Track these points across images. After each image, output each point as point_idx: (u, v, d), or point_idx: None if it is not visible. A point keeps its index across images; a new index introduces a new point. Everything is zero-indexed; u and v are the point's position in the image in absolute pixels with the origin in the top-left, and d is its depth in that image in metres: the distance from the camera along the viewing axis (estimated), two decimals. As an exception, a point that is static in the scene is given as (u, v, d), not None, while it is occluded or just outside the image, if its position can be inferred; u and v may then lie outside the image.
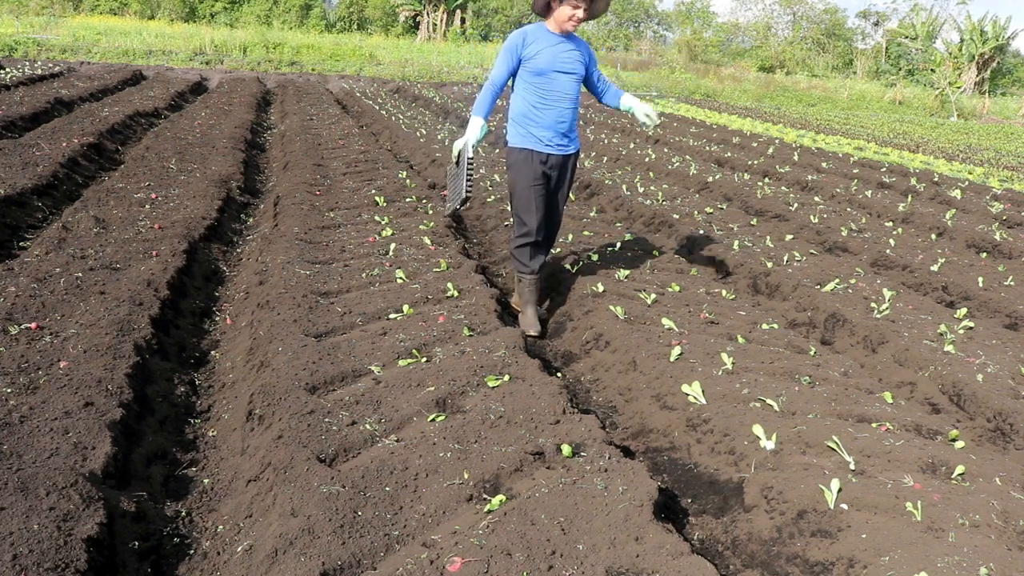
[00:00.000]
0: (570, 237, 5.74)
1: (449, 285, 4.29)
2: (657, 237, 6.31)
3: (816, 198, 8.35)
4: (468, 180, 3.92)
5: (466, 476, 2.48)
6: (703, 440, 3.04)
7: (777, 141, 13.95)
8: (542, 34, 4.03)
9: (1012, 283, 5.40)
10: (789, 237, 6.29)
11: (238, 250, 5.53)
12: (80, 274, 4.12)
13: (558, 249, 5.38)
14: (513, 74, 4.09)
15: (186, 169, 7.15)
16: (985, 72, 40.44)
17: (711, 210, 7.13)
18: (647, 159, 10.14)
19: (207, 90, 16.51)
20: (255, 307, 4.03)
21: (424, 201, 6.46)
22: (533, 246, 4.27)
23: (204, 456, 2.91)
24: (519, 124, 4.15)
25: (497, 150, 10.28)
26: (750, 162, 10.62)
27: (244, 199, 6.85)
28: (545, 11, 4.04)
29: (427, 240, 5.21)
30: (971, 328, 4.36)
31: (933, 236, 6.83)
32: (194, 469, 2.81)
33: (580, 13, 3.93)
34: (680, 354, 3.66)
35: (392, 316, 3.88)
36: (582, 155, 10.13)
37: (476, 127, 3.98)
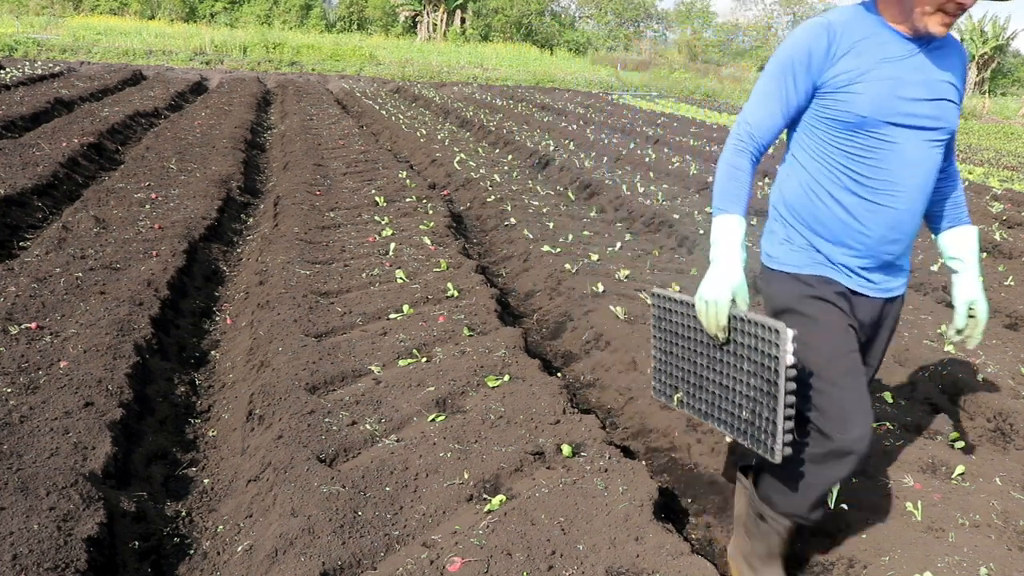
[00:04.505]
0: (570, 237, 5.74)
1: (449, 285, 4.29)
2: (657, 237, 6.31)
3: (816, 198, 8.34)
4: (787, 406, 1.80)
5: (466, 476, 2.48)
6: (703, 440, 3.04)
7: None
8: (870, 30, 1.88)
9: (1012, 283, 5.40)
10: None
11: (238, 250, 5.53)
12: (80, 274, 4.12)
13: (558, 249, 5.37)
14: (799, 115, 1.99)
15: (186, 169, 7.15)
16: (985, 72, 40.47)
17: (711, 210, 7.13)
18: (647, 159, 10.13)
19: (207, 90, 16.51)
20: (255, 307, 4.03)
21: (424, 201, 6.46)
22: (842, 465, 1.96)
23: (204, 456, 2.91)
24: (799, 226, 2.05)
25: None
26: (750, 162, 10.61)
27: (244, 199, 6.85)
28: None
29: (427, 240, 5.21)
30: (971, 328, 4.36)
31: (933, 236, 6.83)
32: (194, 469, 2.81)
33: None
34: (680, 354, 3.66)
35: (392, 316, 3.88)
36: (582, 155, 10.12)
37: (734, 243, 1.97)
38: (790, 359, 1.75)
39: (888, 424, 3.12)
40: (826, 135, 1.94)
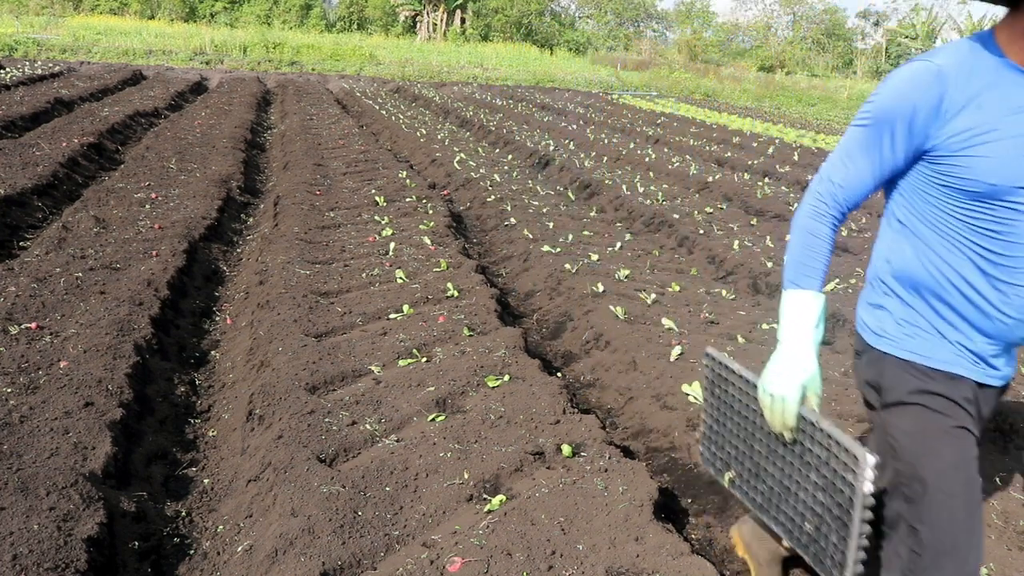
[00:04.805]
0: (570, 237, 5.74)
1: (449, 285, 4.29)
2: (657, 237, 6.31)
3: (816, 198, 8.34)
4: (860, 534, 1.56)
5: (466, 476, 2.48)
6: (703, 440, 3.04)
7: (777, 141, 13.96)
8: (991, 74, 1.50)
9: (1012, 283, 5.40)
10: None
11: (238, 250, 5.53)
12: (80, 274, 4.12)
13: (557, 249, 5.37)
14: (896, 177, 1.65)
15: (186, 169, 7.15)
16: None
17: (711, 210, 7.13)
18: (647, 159, 10.14)
19: (207, 90, 16.51)
20: (255, 307, 4.03)
21: (424, 201, 6.47)
22: None
23: (204, 456, 2.91)
24: (920, 304, 1.66)
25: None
26: (750, 162, 10.62)
27: (244, 199, 6.85)
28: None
29: (427, 240, 5.21)
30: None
31: None
32: (194, 469, 2.81)
33: None
34: (680, 354, 3.67)
35: (392, 316, 3.88)
36: (582, 155, 10.13)
37: (807, 325, 1.66)
38: (869, 487, 1.48)
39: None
40: (943, 204, 1.57)
